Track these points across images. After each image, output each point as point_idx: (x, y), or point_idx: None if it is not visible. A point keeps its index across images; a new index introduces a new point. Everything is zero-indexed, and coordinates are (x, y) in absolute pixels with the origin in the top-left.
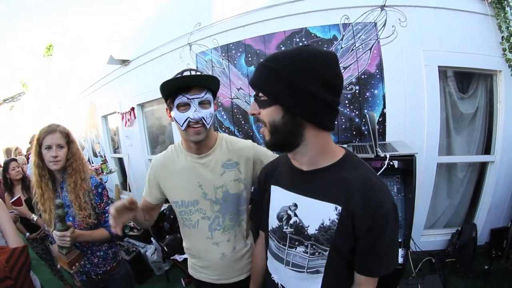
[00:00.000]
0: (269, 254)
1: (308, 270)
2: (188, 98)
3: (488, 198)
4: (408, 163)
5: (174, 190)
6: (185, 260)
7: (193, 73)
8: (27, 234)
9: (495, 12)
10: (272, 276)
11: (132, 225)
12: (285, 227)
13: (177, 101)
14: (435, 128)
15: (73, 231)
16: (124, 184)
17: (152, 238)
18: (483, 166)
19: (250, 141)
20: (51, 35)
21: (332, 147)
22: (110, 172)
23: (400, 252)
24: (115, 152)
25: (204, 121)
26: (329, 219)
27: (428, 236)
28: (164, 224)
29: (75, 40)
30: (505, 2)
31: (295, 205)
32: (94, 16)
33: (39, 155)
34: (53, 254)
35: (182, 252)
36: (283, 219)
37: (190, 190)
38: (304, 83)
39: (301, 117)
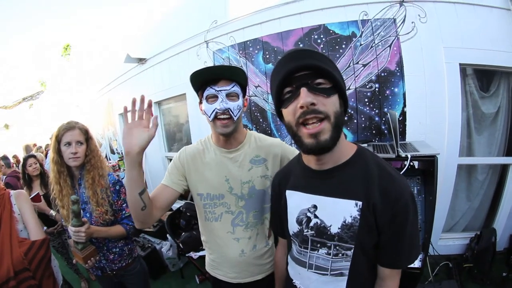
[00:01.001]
0: (289, 260)
1: (331, 273)
2: (216, 90)
3: (509, 202)
4: (429, 164)
5: (201, 182)
6: (200, 257)
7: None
8: (44, 228)
9: None
10: (293, 281)
11: None
12: (305, 230)
13: (206, 93)
14: (456, 128)
15: (88, 227)
16: None
17: (167, 235)
18: (504, 169)
19: (278, 139)
20: (69, 35)
21: (346, 142)
22: None
23: (419, 255)
24: None
25: (231, 113)
26: (351, 216)
27: (446, 240)
28: (180, 221)
29: (92, 39)
30: None
31: (315, 207)
32: (110, 15)
33: (58, 152)
34: (69, 248)
35: (197, 249)
36: (303, 222)
37: (216, 183)
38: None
39: (345, 108)
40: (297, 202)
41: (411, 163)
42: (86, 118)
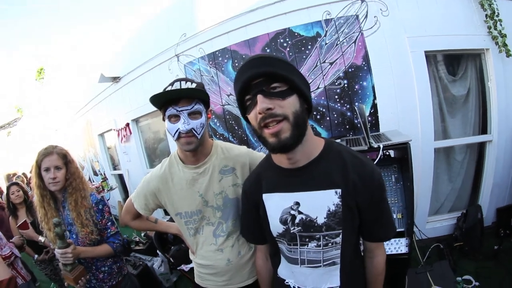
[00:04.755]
0: (282, 259)
1: (324, 263)
2: (177, 110)
3: (490, 177)
4: (403, 152)
5: (176, 203)
6: (192, 269)
7: (183, 83)
8: (35, 256)
9: None
10: (286, 281)
11: (137, 240)
12: (292, 228)
13: (167, 113)
14: (428, 113)
15: (74, 248)
16: (126, 199)
17: (157, 251)
18: (481, 146)
19: (245, 147)
20: (42, 58)
21: (315, 137)
22: (111, 189)
23: (404, 241)
24: (114, 169)
25: (194, 132)
26: (333, 204)
27: (433, 223)
28: (168, 235)
29: (66, 61)
30: None
31: (297, 204)
32: (82, 36)
33: (39, 176)
34: (61, 273)
35: (188, 261)
36: (288, 221)
37: (192, 201)
38: (304, 76)
39: (308, 106)
40: (277, 203)
41: (387, 153)
42: (66, 142)
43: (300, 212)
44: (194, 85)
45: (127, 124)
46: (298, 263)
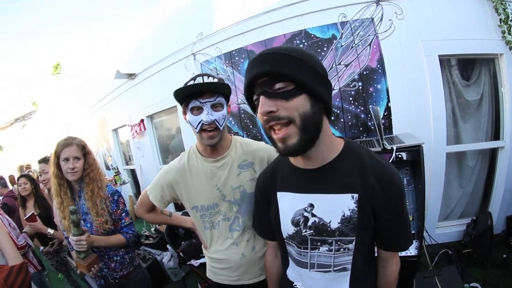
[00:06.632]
0: (290, 262)
1: (334, 269)
2: (200, 102)
3: (502, 184)
4: (415, 154)
5: (193, 196)
6: (201, 265)
7: (205, 78)
8: (41, 248)
9: None
10: (294, 284)
11: (147, 234)
12: (303, 231)
13: (191, 105)
14: (441, 117)
15: (88, 236)
16: (138, 194)
17: (167, 245)
18: (493, 153)
19: (263, 142)
20: (58, 53)
21: (334, 138)
22: (124, 183)
23: (414, 244)
24: (127, 164)
25: (217, 123)
26: (349, 209)
27: (443, 228)
28: (179, 230)
29: (82, 57)
30: None
31: (311, 206)
32: (99, 33)
33: (57, 166)
34: (68, 265)
35: (197, 257)
36: (300, 222)
37: (209, 194)
38: (324, 72)
39: (324, 105)
40: (290, 203)
41: (399, 155)
42: (80, 136)
43: (313, 215)
44: (215, 80)
45: (142, 120)
46: (308, 267)
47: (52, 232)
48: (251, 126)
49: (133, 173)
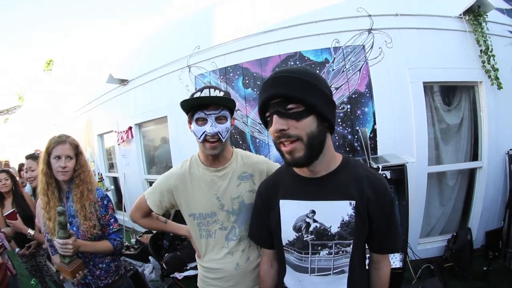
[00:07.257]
0: (288, 269)
1: (334, 271)
2: (205, 114)
3: (480, 202)
4: (400, 173)
5: (192, 203)
6: (186, 278)
7: (211, 90)
8: (17, 249)
9: (473, 28)
10: None
11: (128, 244)
12: (305, 236)
13: (196, 116)
14: (423, 140)
15: (75, 239)
16: (119, 204)
17: (150, 257)
18: (472, 172)
19: (263, 156)
20: (52, 50)
21: (334, 152)
22: (107, 190)
23: (399, 256)
24: (109, 171)
25: (220, 135)
26: (347, 214)
27: (425, 244)
28: (163, 242)
29: (75, 56)
30: (481, 18)
31: (313, 212)
32: (95, 33)
33: (47, 164)
34: (44, 271)
35: (181, 270)
36: (302, 228)
37: (207, 203)
38: (330, 94)
39: (328, 124)
40: (293, 210)
41: (384, 174)
42: None
43: (315, 221)
44: (221, 93)
45: (130, 128)
46: (308, 272)
47: (33, 233)
48: (240, 142)
49: (115, 181)
